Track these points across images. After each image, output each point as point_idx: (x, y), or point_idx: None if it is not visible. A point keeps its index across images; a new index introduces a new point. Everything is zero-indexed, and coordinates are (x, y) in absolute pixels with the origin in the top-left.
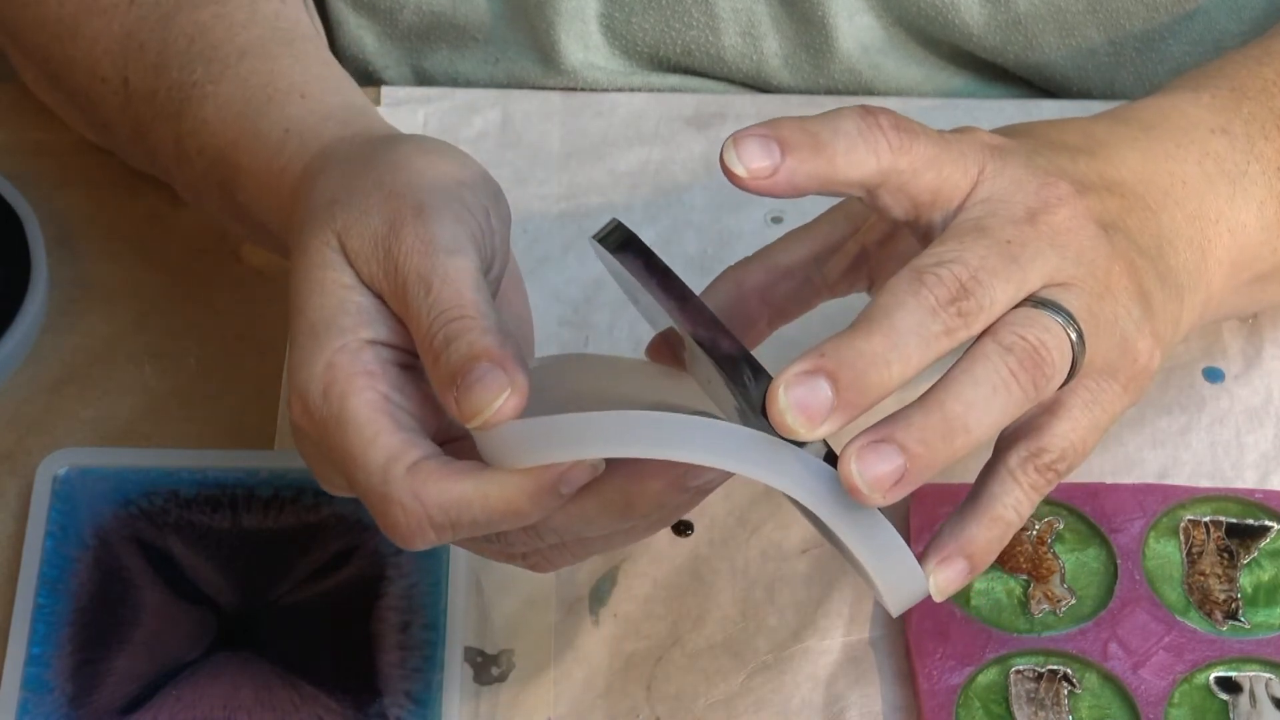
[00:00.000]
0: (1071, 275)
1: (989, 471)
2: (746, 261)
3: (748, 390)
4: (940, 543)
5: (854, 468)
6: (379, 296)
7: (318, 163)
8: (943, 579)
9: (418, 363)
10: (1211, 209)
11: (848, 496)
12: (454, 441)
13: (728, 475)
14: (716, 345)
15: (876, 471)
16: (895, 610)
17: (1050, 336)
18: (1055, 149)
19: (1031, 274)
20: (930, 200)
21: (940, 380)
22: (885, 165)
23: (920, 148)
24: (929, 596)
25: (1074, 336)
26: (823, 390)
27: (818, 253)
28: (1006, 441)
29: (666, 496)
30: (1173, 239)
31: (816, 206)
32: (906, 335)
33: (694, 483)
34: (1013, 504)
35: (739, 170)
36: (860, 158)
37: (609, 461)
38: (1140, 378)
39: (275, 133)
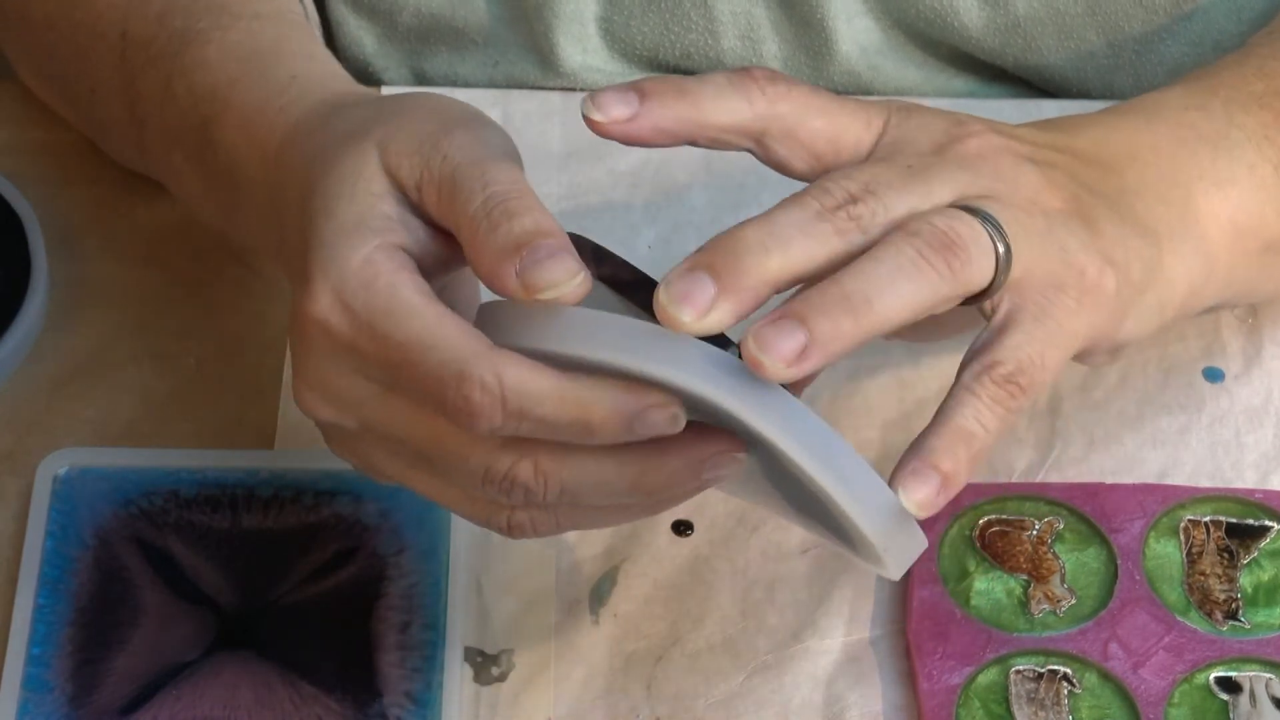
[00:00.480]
0: (989, 189)
1: (950, 392)
2: None
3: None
4: (904, 460)
5: (751, 343)
6: (410, 206)
7: (328, 108)
8: (917, 494)
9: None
10: (1190, 168)
11: (770, 397)
12: None
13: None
14: (617, 277)
15: (777, 345)
16: (879, 542)
17: (961, 224)
18: (1000, 128)
19: (936, 187)
20: (830, 150)
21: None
22: (760, 110)
23: (801, 95)
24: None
25: (991, 232)
26: (702, 279)
27: None
28: (964, 360)
29: (678, 478)
30: (1139, 190)
31: None
32: (786, 228)
33: (709, 474)
34: (972, 415)
35: (596, 116)
36: (731, 104)
37: None
38: (1094, 294)
39: (281, 76)
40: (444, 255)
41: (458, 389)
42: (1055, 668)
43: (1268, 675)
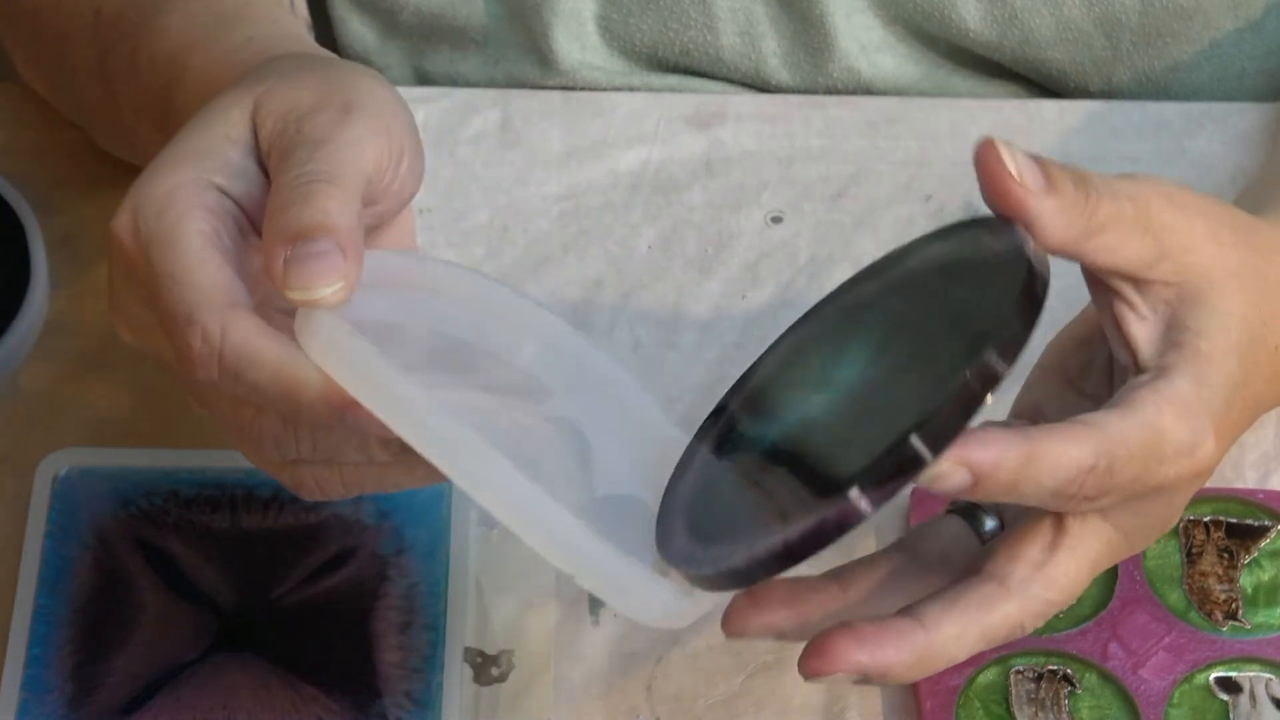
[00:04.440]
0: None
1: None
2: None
3: None
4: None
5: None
6: (261, 164)
7: (269, 61)
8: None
9: (255, 239)
10: None
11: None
12: None
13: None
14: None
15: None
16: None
17: None
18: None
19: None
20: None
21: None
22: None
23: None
24: None
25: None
26: None
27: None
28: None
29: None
30: None
31: (816, 209)
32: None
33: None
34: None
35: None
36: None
37: None
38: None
39: (238, 39)
40: None
41: (181, 333)
42: (1055, 668)
43: (1268, 675)
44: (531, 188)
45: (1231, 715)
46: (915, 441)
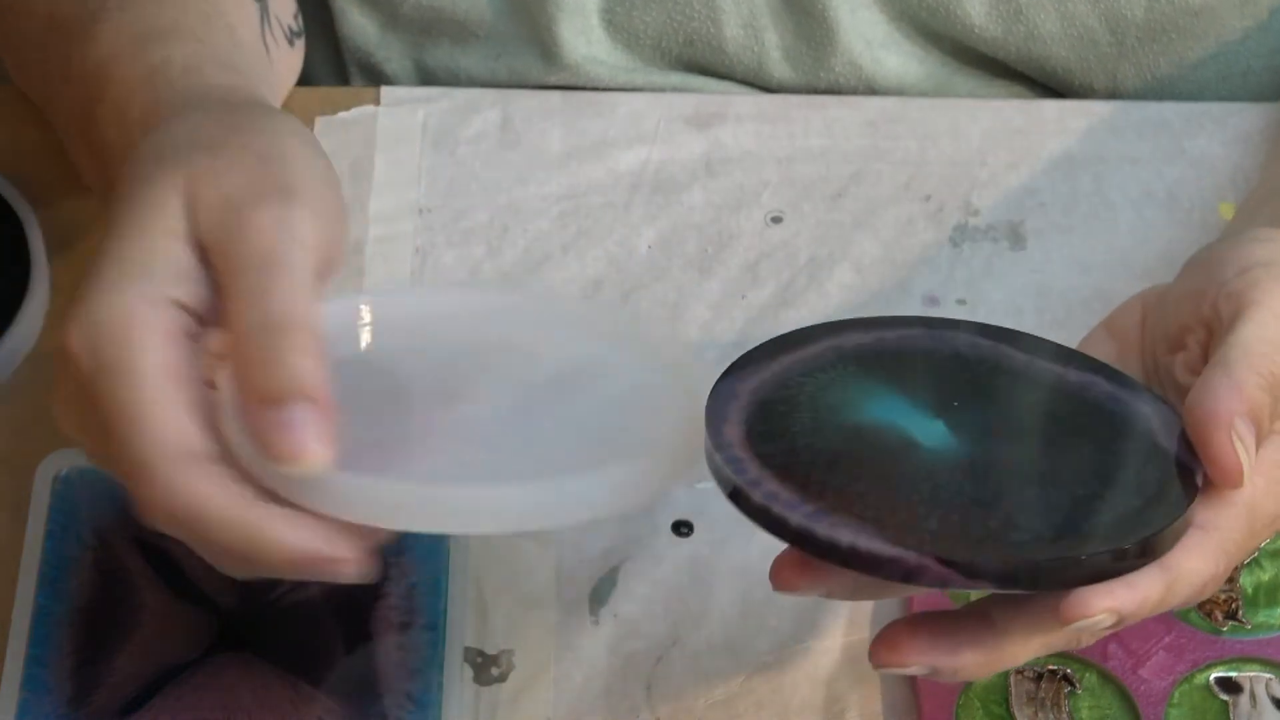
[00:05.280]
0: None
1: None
2: None
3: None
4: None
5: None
6: (202, 253)
7: (187, 97)
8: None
9: (202, 331)
10: None
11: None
12: None
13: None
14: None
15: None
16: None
17: None
18: None
19: None
20: None
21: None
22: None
23: None
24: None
25: None
26: None
27: None
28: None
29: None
30: None
31: (816, 209)
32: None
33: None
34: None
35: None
36: None
37: None
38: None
39: (156, 58)
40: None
41: (134, 475)
42: (1055, 668)
43: (1268, 675)
44: (531, 188)
45: (1231, 715)
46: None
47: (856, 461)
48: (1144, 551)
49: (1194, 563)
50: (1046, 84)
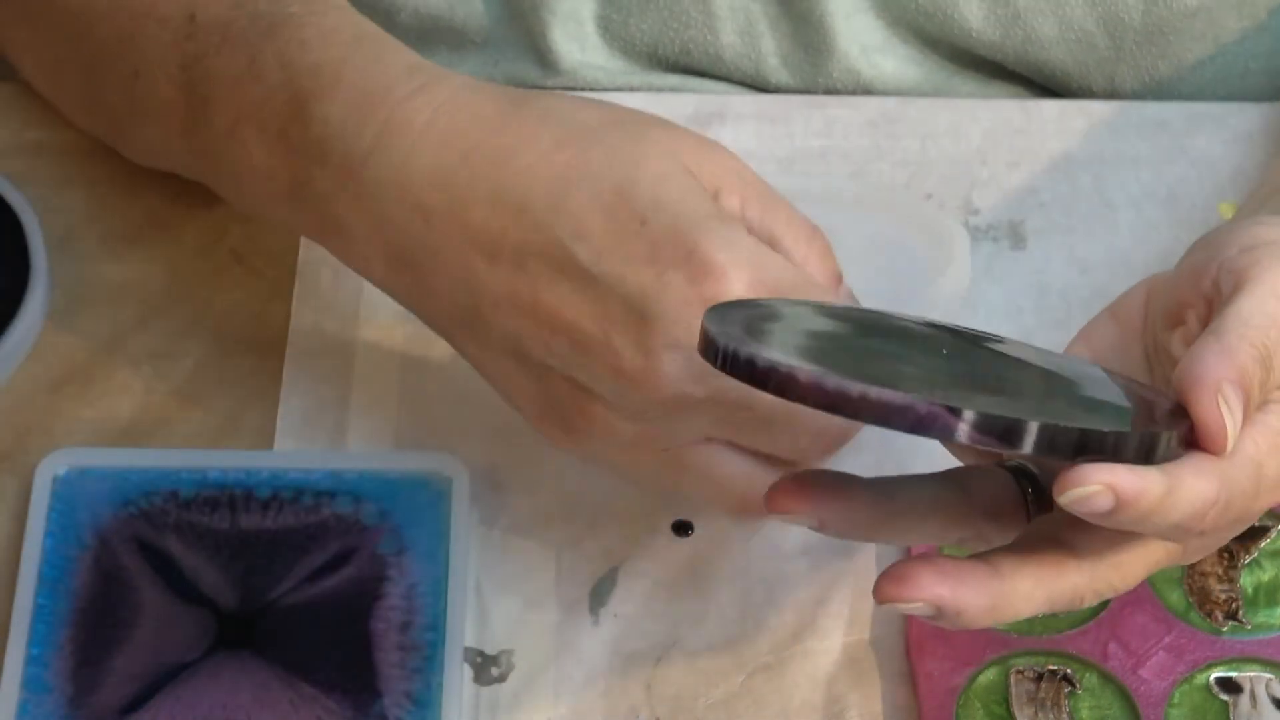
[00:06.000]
0: None
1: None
2: None
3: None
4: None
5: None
6: None
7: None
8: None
9: None
10: None
11: None
12: None
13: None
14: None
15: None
16: None
17: None
18: None
19: None
20: None
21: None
22: None
23: None
24: None
25: None
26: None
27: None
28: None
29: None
30: None
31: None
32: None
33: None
34: None
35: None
36: None
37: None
38: None
39: (399, 62)
40: None
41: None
42: (1055, 668)
43: (1268, 675)
44: None
45: (1231, 715)
46: (1091, 436)
47: (855, 347)
48: (1147, 449)
49: (1196, 480)
50: (1045, 86)
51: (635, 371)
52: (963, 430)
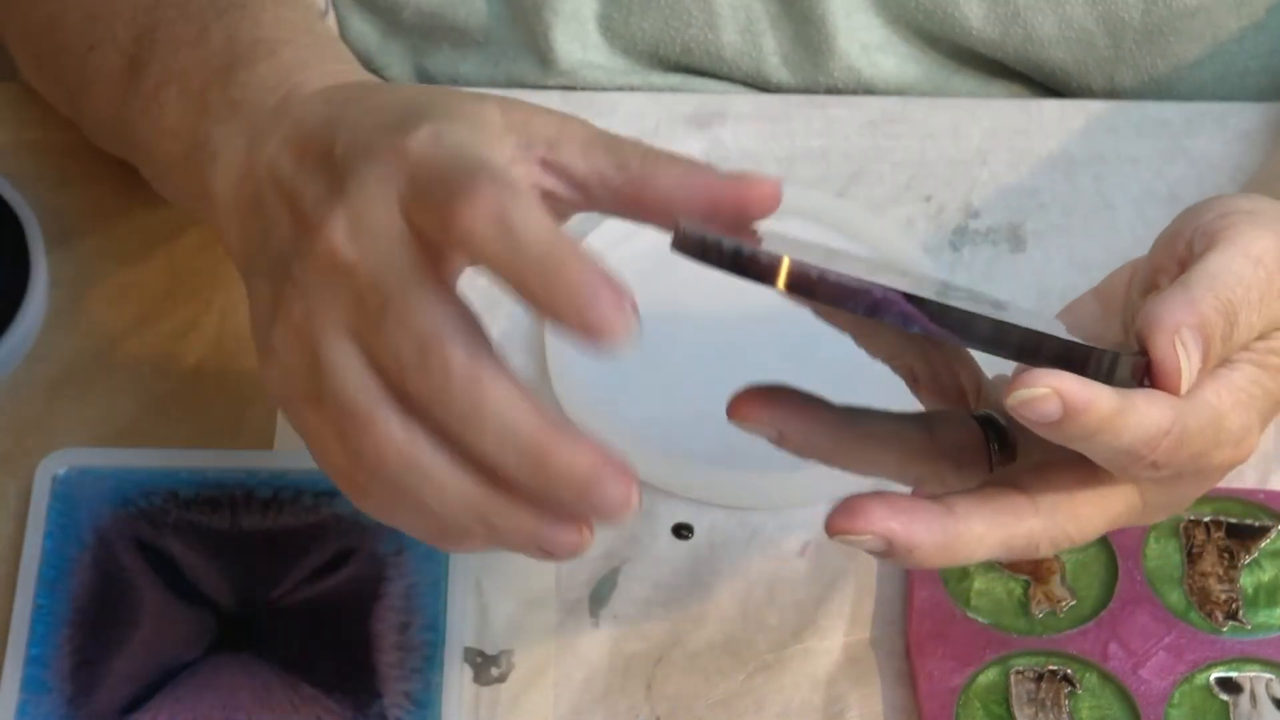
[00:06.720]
0: None
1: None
2: None
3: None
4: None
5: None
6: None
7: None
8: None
9: None
10: None
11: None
12: None
13: None
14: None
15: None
16: None
17: None
18: None
19: None
20: None
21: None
22: None
23: None
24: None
25: None
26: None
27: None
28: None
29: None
30: None
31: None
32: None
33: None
34: None
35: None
36: None
37: None
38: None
39: (339, 57)
40: None
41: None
42: (1055, 668)
43: (1268, 675)
44: None
45: (1231, 715)
46: (1046, 340)
47: (819, 255)
48: (1108, 369)
49: (1150, 406)
50: (1045, 84)
51: (307, 222)
52: (918, 318)
